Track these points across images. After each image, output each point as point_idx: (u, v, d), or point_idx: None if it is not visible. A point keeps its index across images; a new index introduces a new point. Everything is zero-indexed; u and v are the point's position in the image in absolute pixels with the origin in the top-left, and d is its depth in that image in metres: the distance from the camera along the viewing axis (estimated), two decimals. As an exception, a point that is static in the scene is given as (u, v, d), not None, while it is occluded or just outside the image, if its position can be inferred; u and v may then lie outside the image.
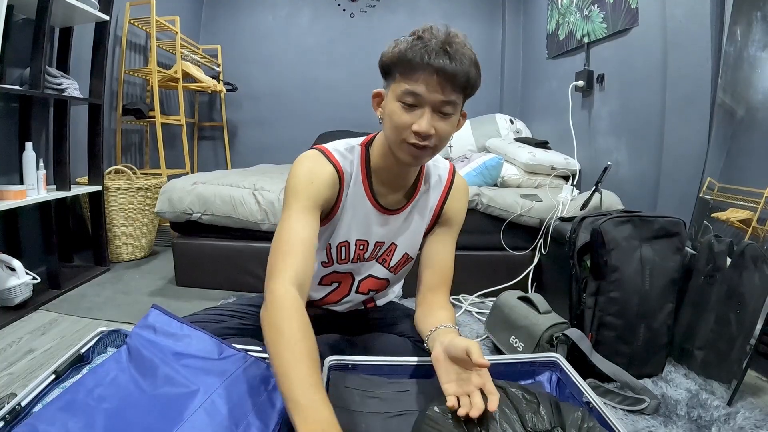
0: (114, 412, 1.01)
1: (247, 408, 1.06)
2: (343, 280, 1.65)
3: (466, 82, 1.25)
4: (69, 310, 2.73)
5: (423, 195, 1.56)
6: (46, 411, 1.01)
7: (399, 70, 1.27)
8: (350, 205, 1.48)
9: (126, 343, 1.19)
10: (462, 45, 1.25)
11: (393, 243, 1.59)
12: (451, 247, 1.61)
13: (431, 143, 1.29)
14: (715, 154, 2.52)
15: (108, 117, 4.07)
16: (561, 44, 4.29)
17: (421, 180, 1.55)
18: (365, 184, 1.48)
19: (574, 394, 1.25)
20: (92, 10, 3.15)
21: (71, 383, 1.13)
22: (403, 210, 1.54)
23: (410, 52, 1.23)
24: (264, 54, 5.74)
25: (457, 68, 1.21)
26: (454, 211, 1.61)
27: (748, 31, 2.40)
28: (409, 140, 1.28)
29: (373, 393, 1.18)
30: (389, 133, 1.33)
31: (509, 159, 3.68)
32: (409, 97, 1.25)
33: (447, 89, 1.24)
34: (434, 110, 1.26)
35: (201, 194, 2.99)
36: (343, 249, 1.54)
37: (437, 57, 1.20)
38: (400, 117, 1.27)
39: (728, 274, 2.06)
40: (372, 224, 1.52)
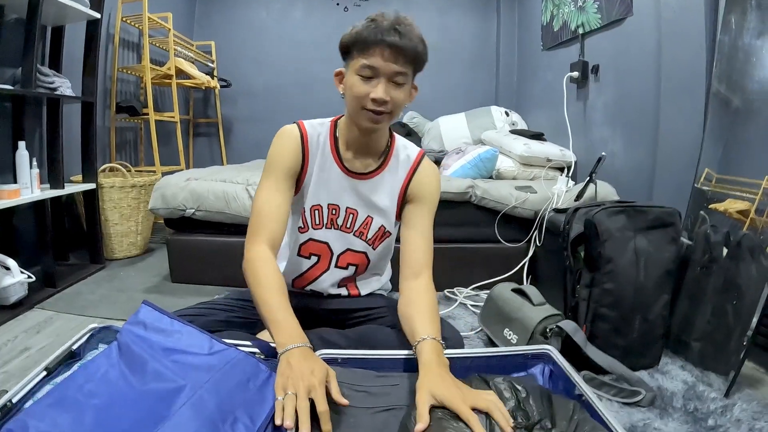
0: (102, 407, 1.02)
1: (234, 403, 1.05)
2: (322, 252, 1.76)
3: (414, 55, 1.48)
4: (64, 308, 2.73)
5: (392, 167, 1.71)
6: (36, 407, 1.02)
7: (356, 48, 1.48)
8: (318, 168, 1.67)
9: (117, 340, 1.20)
10: (410, 25, 1.47)
11: (369, 215, 1.72)
12: (427, 227, 1.67)
13: (387, 109, 1.50)
14: (711, 144, 2.51)
15: (102, 115, 4.06)
16: (556, 35, 4.28)
17: (391, 152, 1.72)
18: (332, 149, 1.68)
19: (566, 387, 1.24)
20: (84, 9, 3.14)
21: (62, 379, 1.14)
22: (372, 176, 1.69)
23: (365, 31, 1.45)
24: (258, 49, 5.72)
25: (406, 43, 1.44)
26: (422, 188, 1.71)
27: (743, 19, 2.39)
28: (367, 107, 1.49)
29: (361, 387, 1.17)
30: (350, 102, 1.54)
31: (504, 151, 3.68)
32: (366, 70, 1.46)
33: (399, 61, 1.45)
34: (388, 80, 1.47)
35: (194, 190, 2.98)
36: (316, 212, 1.71)
37: (389, 35, 1.42)
38: (359, 88, 1.48)
39: (725, 265, 2.05)
40: (341, 188, 1.69)
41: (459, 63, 5.80)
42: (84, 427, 0.97)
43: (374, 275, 1.91)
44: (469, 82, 5.82)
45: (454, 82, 5.79)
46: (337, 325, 1.72)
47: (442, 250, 1.91)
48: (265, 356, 1.27)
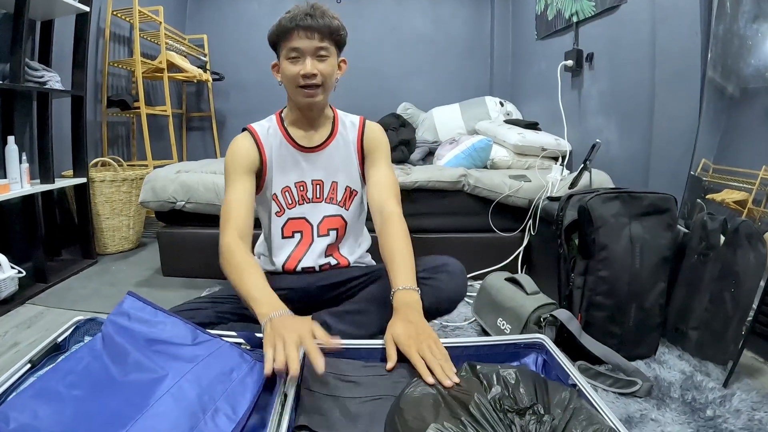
0: (83, 399, 1.01)
1: (216, 393, 1.04)
2: (302, 228, 1.91)
3: (329, 30, 1.68)
4: (55, 303, 2.74)
5: (341, 134, 1.91)
6: (18, 399, 1.03)
7: (280, 37, 1.69)
8: (277, 155, 1.84)
9: (101, 331, 1.19)
10: (322, 9, 1.68)
11: (333, 181, 1.91)
12: (387, 168, 1.91)
13: (318, 81, 1.70)
14: (707, 132, 2.51)
15: (93, 109, 4.04)
16: (550, 24, 4.26)
17: (336, 123, 1.91)
18: (283, 134, 1.86)
19: (560, 376, 1.23)
20: (72, 2, 3.12)
21: (45, 371, 1.14)
22: (325, 146, 1.88)
23: (284, 21, 1.66)
24: (251, 43, 5.69)
25: (319, 22, 1.65)
26: (373, 143, 1.93)
27: (738, 3, 2.39)
28: (300, 83, 1.69)
29: (349, 377, 1.15)
30: (287, 85, 1.76)
31: (499, 141, 3.66)
32: (292, 52, 1.67)
33: (316, 37, 1.66)
34: (313, 56, 1.68)
35: (184, 182, 2.97)
36: (287, 194, 1.87)
37: (303, 19, 1.64)
38: (290, 69, 1.69)
39: (722, 252, 2.03)
40: (301, 165, 1.87)
41: (453, 53, 5.78)
42: (64, 418, 0.96)
43: (354, 240, 2.05)
44: (463, 73, 5.79)
45: (448, 73, 5.77)
46: (336, 301, 1.85)
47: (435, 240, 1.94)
48: (251, 347, 1.26)
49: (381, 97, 5.29)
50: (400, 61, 5.72)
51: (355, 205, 1.95)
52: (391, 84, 5.65)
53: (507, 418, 0.95)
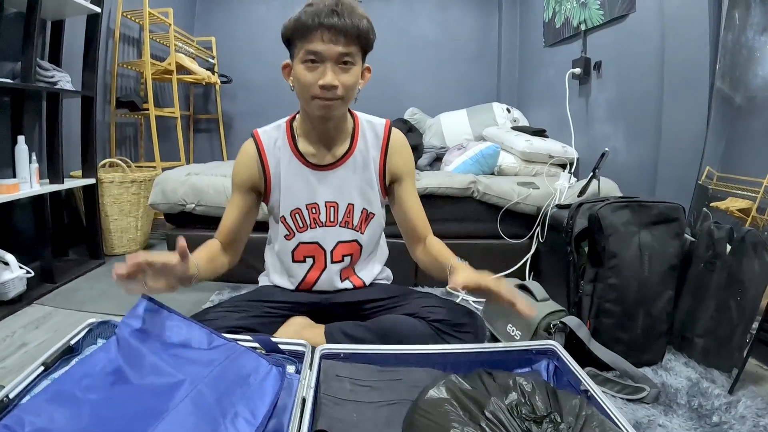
0: (100, 402, 1.01)
1: (235, 397, 1.05)
2: (315, 253, 1.79)
3: (357, 33, 1.45)
4: (63, 303, 2.73)
5: (361, 149, 1.73)
6: (33, 402, 1.02)
7: (297, 36, 1.47)
8: (284, 173, 1.70)
9: (115, 334, 1.19)
10: (350, 5, 1.45)
11: (349, 203, 1.75)
12: (415, 196, 1.81)
13: (338, 94, 1.49)
14: (713, 141, 2.51)
15: (102, 110, 4.04)
16: (558, 32, 4.27)
17: (356, 135, 1.73)
18: (293, 149, 1.70)
19: (571, 382, 1.24)
20: (84, 2, 3.13)
21: (59, 374, 1.14)
22: (341, 164, 1.71)
23: (303, 16, 1.43)
24: (258, 45, 5.70)
25: (346, 23, 1.42)
26: (399, 166, 1.77)
27: (747, 14, 2.39)
28: (317, 95, 1.48)
29: (364, 382, 1.17)
30: (300, 93, 1.55)
31: (506, 147, 3.67)
32: (311, 56, 1.45)
33: (341, 42, 1.44)
34: (335, 63, 1.46)
35: (194, 185, 2.98)
36: (297, 216, 1.74)
37: (327, 17, 1.41)
38: (306, 76, 1.47)
39: (728, 261, 2.04)
40: (313, 185, 1.71)
41: (460, 59, 5.79)
42: (81, 421, 0.96)
43: (370, 260, 1.92)
44: (470, 79, 5.79)
45: (455, 79, 5.77)
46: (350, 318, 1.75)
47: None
48: (266, 351, 1.26)
49: (388, 101, 5.25)
50: (408, 66, 5.72)
51: (371, 228, 1.82)
52: (398, 89, 5.65)
53: (524, 425, 0.97)
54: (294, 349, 1.30)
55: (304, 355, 1.26)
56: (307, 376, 1.16)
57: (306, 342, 1.30)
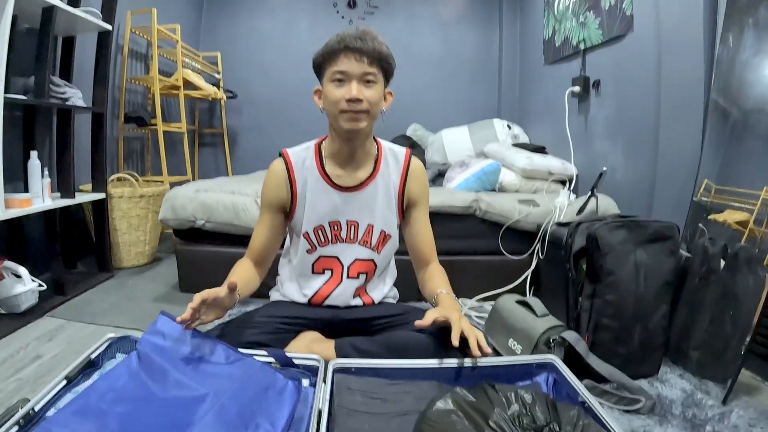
0: (126, 415, 1.04)
1: (255, 410, 1.09)
2: (333, 266, 1.87)
3: (379, 56, 1.63)
4: (75, 316, 2.74)
5: (384, 173, 1.84)
6: (59, 415, 1.04)
7: (326, 60, 1.64)
8: (310, 192, 1.80)
9: (136, 349, 1.22)
10: (373, 34, 1.64)
11: (369, 224, 1.85)
12: (427, 222, 1.94)
13: (363, 107, 1.63)
14: (710, 156, 2.55)
15: (110, 125, 4.06)
16: (558, 50, 4.32)
17: (380, 160, 1.85)
18: (320, 170, 1.80)
19: (570, 395, 1.28)
20: (95, 20, 3.17)
21: (83, 388, 1.16)
22: (364, 186, 1.82)
23: (332, 43, 1.62)
24: (263, 61, 5.74)
25: (369, 46, 1.60)
26: (416, 192, 1.90)
27: (741, 36, 2.44)
28: (344, 108, 1.62)
29: (375, 394, 1.21)
30: (329, 110, 1.68)
31: (507, 164, 3.70)
32: (338, 75, 1.61)
33: (365, 62, 1.61)
34: (359, 81, 1.62)
35: (204, 202, 3.00)
36: (319, 232, 1.83)
37: (352, 41, 1.59)
38: (334, 93, 1.63)
39: (722, 276, 2.09)
40: (337, 204, 1.81)
41: (462, 76, 5.83)
42: None
43: (381, 279, 2.00)
44: (471, 95, 5.84)
45: (457, 95, 5.81)
46: (358, 333, 1.78)
47: (447, 262, 1.97)
48: (281, 365, 1.30)
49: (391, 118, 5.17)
50: (410, 82, 5.71)
51: (387, 249, 1.91)
52: (401, 105, 5.54)
53: None
54: (307, 363, 1.34)
55: (317, 369, 1.30)
56: (322, 389, 1.20)
57: (319, 357, 1.35)
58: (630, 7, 3.18)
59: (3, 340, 2.41)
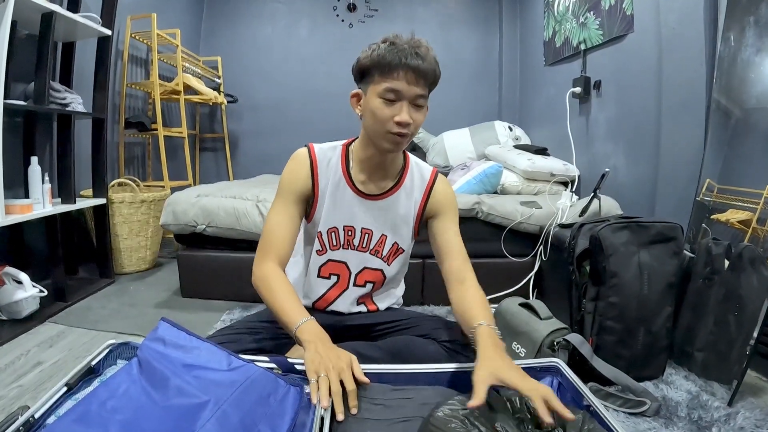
0: (127, 423, 1.02)
1: (257, 417, 1.07)
2: (341, 272, 1.81)
3: (434, 77, 1.53)
4: (76, 322, 2.74)
5: (407, 187, 1.76)
6: (60, 423, 1.02)
7: (378, 71, 1.50)
8: (331, 192, 1.71)
9: (136, 356, 1.21)
10: (427, 47, 1.51)
11: (383, 234, 1.77)
12: (456, 234, 1.75)
13: (409, 131, 1.53)
14: (712, 156, 2.55)
15: (111, 130, 4.06)
16: (558, 51, 4.33)
17: (406, 172, 1.77)
18: (344, 173, 1.71)
19: (575, 398, 1.27)
20: (95, 26, 3.17)
21: (83, 395, 1.14)
22: (386, 197, 1.74)
23: (388, 55, 1.46)
24: (264, 65, 5.75)
25: (427, 66, 1.48)
26: (441, 201, 1.79)
27: (742, 35, 2.44)
28: (392, 130, 1.51)
29: (377, 400, 1.20)
30: (373, 125, 1.56)
31: (509, 166, 3.71)
32: (390, 94, 1.48)
33: (420, 84, 1.49)
34: (410, 103, 1.50)
35: (205, 206, 3.00)
36: (333, 234, 1.75)
37: (411, 58, 1.45)
38: (383, 111, 1.50)
39: (726, 277, 2.09)
40: (355, 210, 1.73)
41: (462, 78, 5.83)
42: None
43: (390, 290, 1.95)
44: (472, 97, 5.84)
45: (457, 97, 5.80)
46: (361, 340, 1.75)
47: None
48: (283, 371, 1.28)
49: None
50: (411, 85, 5.71)
51: (398, 262, 1.84)
52: (402, 107, 5.62)
53: None
54: None
55: (318, 375, 1.28)
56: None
57: (321, 363, 1.33)
58: (630, 7, 3.18)
59: (4, 346, 2.41)
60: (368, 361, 1.50)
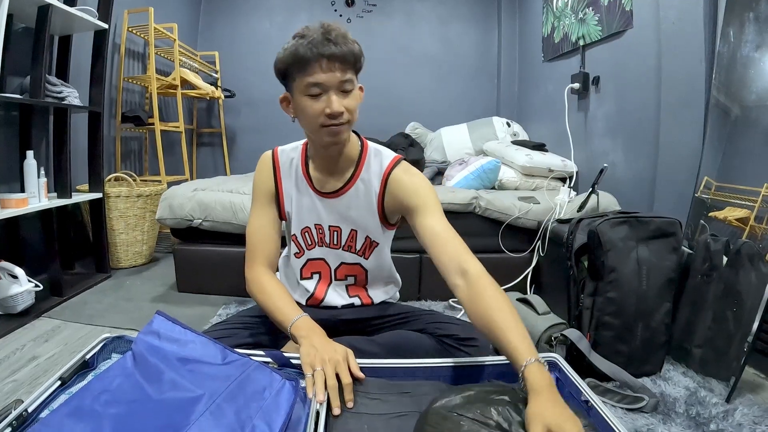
0: (121, 417, 1.02)
1: (252, 411, 1.07)
2: (321, 269, 1.81)
3: (354, 58, 1.47)
4: (71, 317, 2.74)
5: (363, 179, 1.69)
6: (53, 417, 1.02)
7: (295, 68, 1.45)
8: (296, 193, 1.73)
9: (131, 349, 1.21)
10: (341, 31, 1.45)
11: (352, 229, 1.74)
12: (439, 219, 1.57)
13: (344, 119, 1.48)
14: (710, 153, 2.55)
15: (107, 124, 4.06)
16: (556, 47, 4.32)
17: (361, 165, 1.69)
18: (304, 173, 1.72)
19: (573, 394, 1.27)
20: (91, 19, 3.17)
21: (77, 389, 1.15)
22: (343, 192, 1.70)
23: (301, 49, 1.41)
24: (261, 60, 5.67)
25: (344, 50, 1.42)
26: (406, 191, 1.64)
27: (741, 31, 2.43)
28: (325, 123, 1.47)
29: (374, 395, 1.19)
30: (307, 124, 1.54)
31: (507, 162, 3.71)
32: (314, 88, 1.44)
33: (342, 69, 1.44)
34: (337, 91, 1.46)
35: (201, 201, 3.00)
36: (306, 234, 1.76)
37: (324, 46, 1.40)
38: (312, 107, 1.46)
39: (725, 273, 2.08)
40: (319, 209, 1.72)
41: (460, 74, 5.83)
42: None
43: (386, 284, 1.91)
44: (470, 93, 5.84)
45: (455, 93, 5.82)
46: (357, 334, 1.74)
47: None
48: (278, 366, 1.28)
49: (390, 116, 5.31)
50: (409, 81, 5.77)
51: (376, 256, 1.79)
52: (400, 103, 5.69)
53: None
54: None
55: (314, 370, 1.28)
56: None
57: (317, 357, 1.32)
58: (629, 2, 3.17)
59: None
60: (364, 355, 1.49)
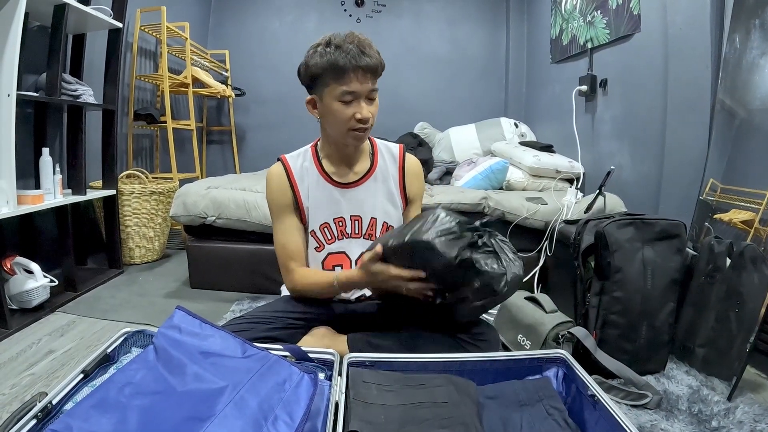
0: (146, 408, 1.04)
1: (273, 402, 1.10)
2: (342, 261, 1.88)
3: (381, 69, 1.64)
4: (86, 311, 2.77)
5: (381, 168, 1.87)
6: (78, 409, 1.03)
7: (331, 76, 1.58)
8: (313, 192, 1.82)
9: (152, 343, 1.22)
10: (369, 43, 1.61)
11: (372, 217, 1.86)
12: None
13: (369, 124, 1.65)
14: (716, 157, 2.57)
15: (120, 122, 4.03)
16: (565, 49, 4.33)
17: (376, 155, 1.88)
18: (319, 170, 1.82)
19: (579, 388, 1.30)
20: (106, 18, 3.20)
21: (99, 382, 1.17)
22: (363, 182, 1.84)
23: (341, 59, 1.54)
24: (271, 58, 5.75)
25: (375, 62, 1.59)
26: (415, 189, 1.93)
27: (747, 38, 2.45)
28: (354, 127, 1.64)
29: (389, 387, 1.23)
30: (334, 127, 1.68)
31: (514, 162, 3.73)
32: (348, 95, 1.59)
33: (372, 80, 1.62)
34: (366, 98, 1.62)
35: (215, 198, 3.03)
36: (326, 230, 1.84)
37: (361, 59, 1.55)
38: (344, 112, 1.61)
39: (728, 274, 2.11)
40: (339, 201, 1.83)
41: (469, 74, 5.84)
42: (129, 427, 0.99)
43: None
44: (478, 94, 5.84)
45: (464, 94, 5.83)
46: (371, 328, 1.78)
47: None
48: (297, 359, 1.32)
49: (399, 116, 5.32)
50: (418, 81, 5.78)
51: None
52: (408, 103, 5.69)
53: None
54: (322, 357, 1.36)
55: (331, 363, 1.32)
56: (338, 383, 1.23)
57: (334, 351, 1.37)
58: (637, 6, 3.19)
59: (15, 335, 2.44)
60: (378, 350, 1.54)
